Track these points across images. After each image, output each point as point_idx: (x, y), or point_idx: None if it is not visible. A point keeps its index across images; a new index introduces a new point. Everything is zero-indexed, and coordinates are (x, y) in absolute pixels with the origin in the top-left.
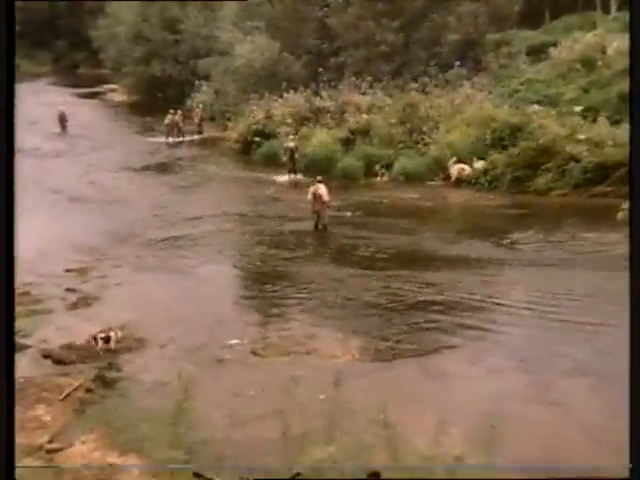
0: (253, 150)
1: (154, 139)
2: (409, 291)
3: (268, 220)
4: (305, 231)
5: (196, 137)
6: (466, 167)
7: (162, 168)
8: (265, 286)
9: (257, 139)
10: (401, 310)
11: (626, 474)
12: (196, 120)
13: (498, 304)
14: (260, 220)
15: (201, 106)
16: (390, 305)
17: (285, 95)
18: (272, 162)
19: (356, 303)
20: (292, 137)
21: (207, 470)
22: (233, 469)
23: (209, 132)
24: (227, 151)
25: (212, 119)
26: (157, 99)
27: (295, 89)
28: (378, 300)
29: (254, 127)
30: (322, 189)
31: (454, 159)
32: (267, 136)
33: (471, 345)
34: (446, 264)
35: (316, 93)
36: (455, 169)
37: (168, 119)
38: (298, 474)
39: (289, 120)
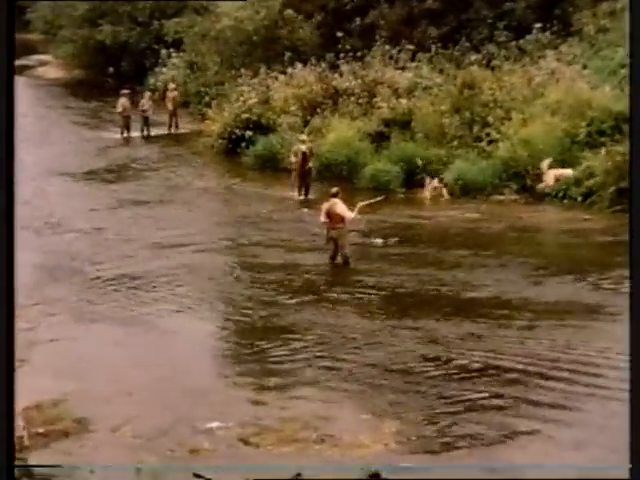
0: (243, 149)
1: (103, 133)
2: (461, 351)
3: (264, 251)
4: (317, 266)
5: (166, 131)
6: (566, 172)
7: (114, 175)
8: (258, 345)
9: (249, 133)
10: (451, 379)
11: (626, 474)
12: (169, 107)
13: (590, 371)
14: (252, 251)
15: (173, 85)
16: (435, 372)
17: (290, 70)
18: (270, 167)
19: (388, 369)
20: (304, 137)
21: (207, 471)
22: (233, 469)
23: (180, 123)
24: (205, 150)
25: (185, 105)
26: (108, 76)
27: (304, 62)
28: (418, 364)
29: (245, 116)
30: (340, 206)
31: (549, 160)
32: (263, 129)
33: (553, 431)
34: (516, 313)
35: (334, 68)
36: (551, 175)
37: (120, 105)
38: (298, 474)
39: (295, 107)
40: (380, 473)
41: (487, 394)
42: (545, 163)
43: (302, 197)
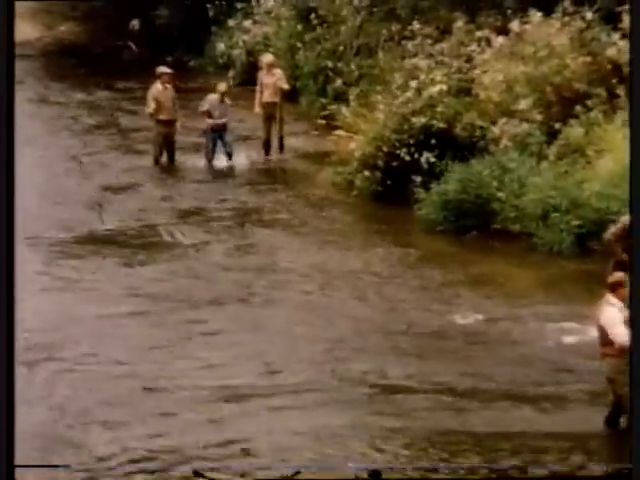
0: (417, 191)
1: (117, 155)
2: None
3: (470, 407)
4: (579, 437)
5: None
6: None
7: (137, 244)
8: None
9: (429, 157)
10: None
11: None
12: (263, 103)
13: None
14: (443, 411)
15: (272, 58)
16: None
17: (515, 25)
18: (475, 227)
19: None
20: None
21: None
22: (233, 469)
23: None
24: (336, 194)
25: (290, 97)
26: (129, 37)
27: (546, 8)
28: None
29: (420, 121)
30: (610, 315)
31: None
32: (460, 148)
33: None
34: None
35: (610, 20)
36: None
37: (153, 97)
38: (298, 472)
39: (527, 101)
40: (380, 472)
41: None
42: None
43: None
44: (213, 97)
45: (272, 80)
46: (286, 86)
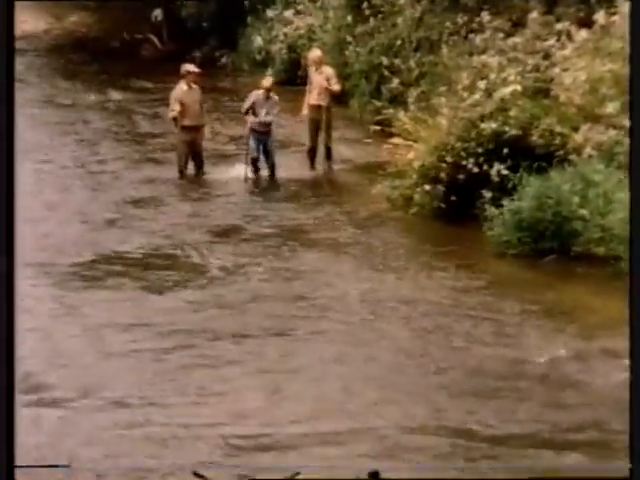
0: (488, 208)
1: (134, 164)
2: None
3: None
4: None
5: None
6: None
7: (161, 267)
8: None
9: (501, 169)
10: None
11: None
12: (312, 107)
13: None
14: None
15: (319, 53)
16: None
17: (600, 17)
18: (555, 250)
19: None
20: None
21: (207, 470)
22: (233, 469)
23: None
24: (392, 213)
25: (338, 99)
26: (151, 30)
27: None
28: None
29: (489, 127)
30: None
31: None
32: (536, 158)
33: None
34: None
35: None
36: None
37: (177, 99)
38: (298, 473)
39: (615, 104)
40: (379, 472)
41: None
42: None
43: None
44: (257, 93)
45: (320, 79)
46: (337, 87)
